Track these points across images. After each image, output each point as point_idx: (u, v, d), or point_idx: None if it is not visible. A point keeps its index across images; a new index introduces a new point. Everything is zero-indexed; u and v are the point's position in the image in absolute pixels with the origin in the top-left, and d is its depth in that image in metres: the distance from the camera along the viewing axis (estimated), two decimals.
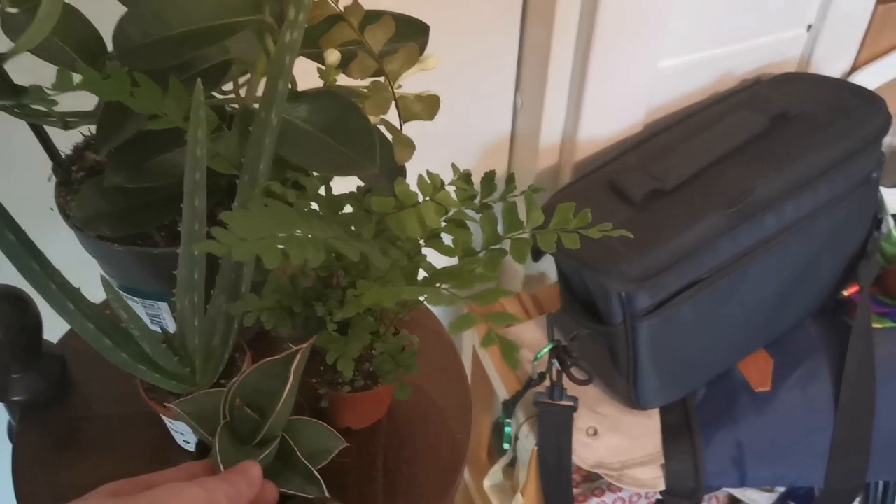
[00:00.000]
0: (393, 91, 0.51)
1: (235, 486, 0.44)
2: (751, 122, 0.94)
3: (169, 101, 0.49)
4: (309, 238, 0.44)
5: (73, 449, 0.62)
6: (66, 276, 0.51)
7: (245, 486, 0.45)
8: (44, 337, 0.64)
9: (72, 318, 0.49)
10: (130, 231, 0.54)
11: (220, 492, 0.43)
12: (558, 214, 0.52)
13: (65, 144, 0.61)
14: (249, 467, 0.46)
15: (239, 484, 0.44)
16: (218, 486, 0.43)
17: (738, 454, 0.96)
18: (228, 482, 0.44)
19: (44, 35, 0.50)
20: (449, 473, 0.61)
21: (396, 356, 0.57)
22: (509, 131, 1.06)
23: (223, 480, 0.44)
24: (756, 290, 0.93)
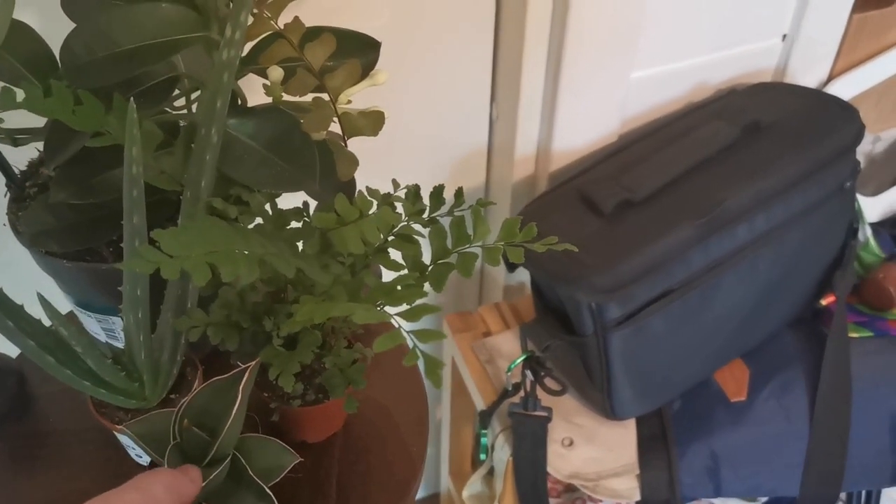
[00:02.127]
0: (335, 107, 0.51)
1: (174, 476, 0.45)
2: (722, 132, 0.94)
3: (111, 119, 0.49)
4: (243, 255, 0.44)
5: (29, 463, 0.62)
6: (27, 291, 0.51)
7: (185, 481, 0.45)
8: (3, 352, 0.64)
9: (11, 335, 0.49)
10: (78, 247, 0.54)
11: (157, 485, 0.43)
12: (504, 229, 0.52)
13: (21, 160, 0.61)
14: (190, 468, 0.47)
15: (178, 475, 0.45)
16: (153, 480, 0.43)
17: (712, 464, 0.96)
18: (166, 473, 0.45)
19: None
20: (403, 488, 0.60)
21: (346, 370, 0.57)
22: (486, 142, 1.07)
23: (159, 472, 0.44)
24: (729, 300, 0.92)
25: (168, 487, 0.44)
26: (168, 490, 0.43)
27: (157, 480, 0.43)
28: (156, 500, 0.43)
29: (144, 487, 0.43)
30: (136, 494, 0.42)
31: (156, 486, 0.43)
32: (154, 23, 0.51)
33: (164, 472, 0.45)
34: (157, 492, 0.43)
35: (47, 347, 0.51)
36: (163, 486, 0.43)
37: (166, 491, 0.43)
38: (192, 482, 0.46)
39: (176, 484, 0.44)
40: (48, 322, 0.51)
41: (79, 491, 0.60)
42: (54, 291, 0.56)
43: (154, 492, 0.43)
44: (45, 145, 0.52)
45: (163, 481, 0.44)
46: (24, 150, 0.59)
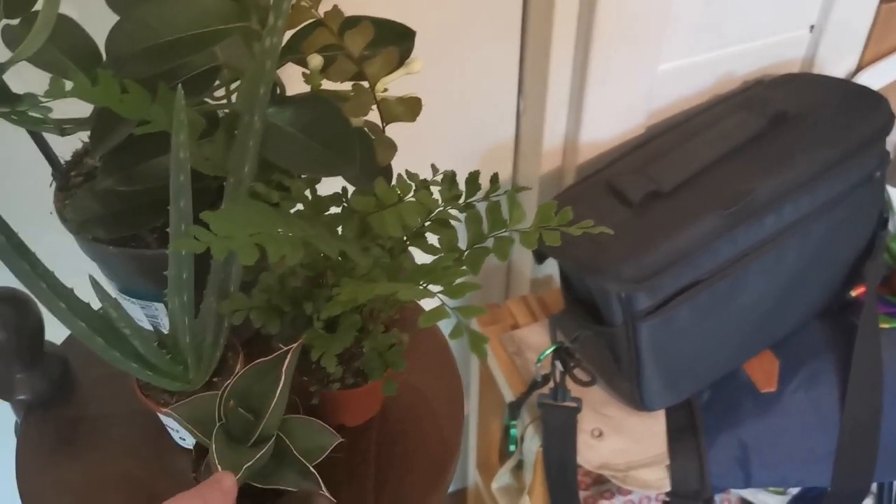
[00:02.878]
0: (374, 94, 0.52)
1: (203, 498, 0.43)
2: (749, 123, 0.94)
3: (156, 108, 0.50)
4: (287, 236, 0.45)
5: (73, 446, 0.63)
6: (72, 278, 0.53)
7: (217, 496, 0.44)
8: (49, 339, 0.65)
9: (63, 317, 0.50)
10: (124, 233, 0.56)
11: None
12: (539, 213, 0.53)
13: (67, 151, 0.63)
14: (223, 478, 0.46)
15: (207, 495, 0.44)
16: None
17: (742, 455, 0.96)
18: (195, 496, 0.43)
19: (40, 44, 0.52)
20: (439, 471, 0.61)
21: (384, 353, 0.58)
22: (513, 135, 1.07)
23: (188, 497, 0.43)
24: (756, 291, 0.92)
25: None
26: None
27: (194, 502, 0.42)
28: None
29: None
30: None
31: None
32: (195, 14, 0.52)
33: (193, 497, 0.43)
34: None
35: (97, 330, 0.52)
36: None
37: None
38: (223, 496, 0.45)
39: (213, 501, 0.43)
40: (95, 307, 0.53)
41: (122, 473, 0.62)
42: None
43: None
44: (91, 134, 0.53)
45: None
46: (68, 141, 0.61)
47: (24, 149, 0.62)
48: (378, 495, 0.60)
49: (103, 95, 0.49)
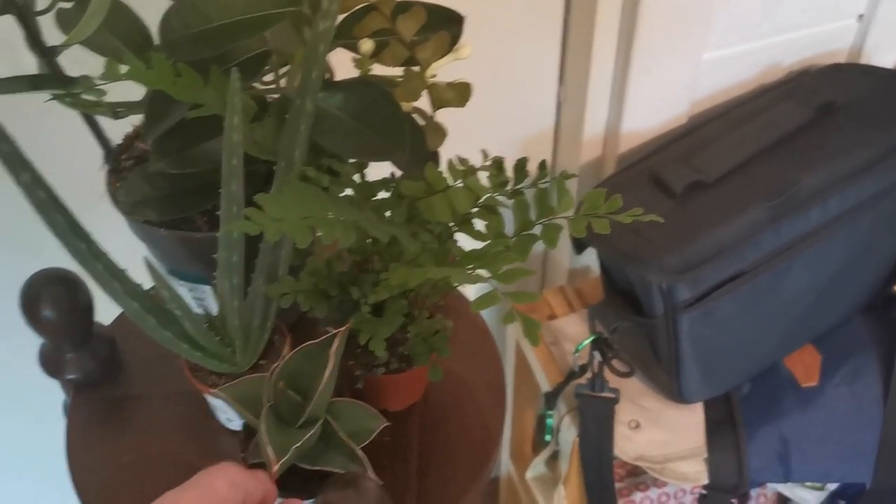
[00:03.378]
0: (425, 79, 0.52)
1: (237, 471, 0.43)
2: (795, 113, 0.93)
3: (209, 91, 0.51)
4: (339, 220, 0.45)
5: (121, 425, 0.64)
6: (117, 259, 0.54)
7: (250, 478, 0.44)
8: (97, 320, 0.66)
9: (117, 296, 0.51)
10: (175, 216, 0.57)
11: (219, 480, 0.42)
12: (589, 200, 0.53)
13: (117, 135, 0.64)
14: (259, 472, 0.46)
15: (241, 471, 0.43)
16: (216, 476, 0.42)
17: (783, 449, 0.95)
18: (230, 468, 0.43)
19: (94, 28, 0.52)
20: (481, 456, 0.61)
21: (429, 339, 0.58)
22: (553, 124, 1.07)
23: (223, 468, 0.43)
24: (799, 284, 0.91)
25: (231, 483, 0.42)
26: (232, 486, 0.42)
27: (219, 476, 0.42)
28: (218, 496, 0.41)
29: (206, 485, 0.41)
30: (197, 492, 0.41)
31: (217, 482, 0.41)
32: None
33: (227, 468, 0.43)
34: (218, 487, 0.41)
35: (149, 310, 0.53)
36: (225, 482, 0.42)
37: (229, 487, 0.42)
38: (258, 480, 0.44)
39: (240, 480, 0.43)
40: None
41: (169, 451, 0.63)
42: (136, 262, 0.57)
43: (216, 487, 0.41)
44: (144, 117, 0.54)
45: (225, 476, 0.42)
46: (119, 125, 0.62)
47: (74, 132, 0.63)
48: (421, 480, 0.60)
49: (158, 78, 0.50)
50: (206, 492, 0.41)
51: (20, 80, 0.54)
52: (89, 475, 0.61)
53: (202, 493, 0.41)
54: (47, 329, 0.62)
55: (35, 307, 0.60)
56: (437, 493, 0.59)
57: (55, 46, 0.55)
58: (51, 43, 0.55)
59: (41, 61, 0.55)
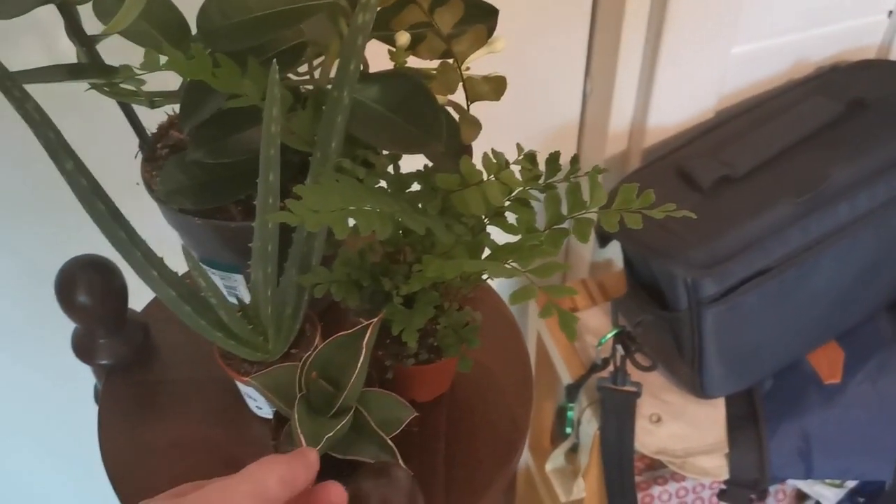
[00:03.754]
0: (461, 72, 0.52)
1: (289, 466, 0.43)
2: (825, 108, 0.92)
3: (247, 81, 0.51)
4: (377, 212, 0.45)
5: (152, 411, 0.65)
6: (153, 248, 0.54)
7: (301, 468, 0.43)
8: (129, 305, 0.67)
9: (155, 284, 0.52)
10: (210, 205, 0.57)
11: (272, 477, 0.41)
12: (621, 195, 0.53)
13: (150, 124, 0.64)
14: (308, 452, 0.45)
15: (293, 464, 0.43)
16: (268, 470, 0.42)
17: (804, 446, 0.95)
18: (281, 463, 0.43)
19: (132, 18, 0.53)
20: (508, 448, 0.62)
21: (459, 331, 0.58)
22: (578, 117, 1.07)
23: (274, 462, 0.43)
24: (826, 280, 0.91)
25: (282, 479, 0.41)
26: (282, 482, 0.41)
27: (271, 471, 0.41)
28: (270, 492, 0.41)
29: (258, 479, 0.41)
30: (249, 486, 0.40)
31: (270, 478, 0.41)
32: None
33: (278, 463, 0.42)
34: (271, 484, 0.41)
35: (185, 298, 0.53)
36: (277, 478, 0.41)
37: (280, 483, 0.41)
38: (306, 469, 0.44)
39: (290, 475, 0.42)
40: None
41: (200, 437, 0.64)
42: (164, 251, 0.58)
43: (268, 484, 0.41)
44: (181, 107, 0.54)
45: (277, 472, 0.41)
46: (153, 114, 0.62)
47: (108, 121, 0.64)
48: (449, 470, 0.61)
49: (197, 69, 0.50)
50: (259, 486, 0.41)
51: (59, 69, 0.54)
52: (121, 460, 0.62)
53: (255, 488, 0.40)
54: (81, 314, 0.63)
55: (70, 293, 0.61)
56: (464, 483, 0.60)
57: (94, 36, 0.55)
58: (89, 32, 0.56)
59: (80, 50, 0.55)
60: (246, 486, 0.41)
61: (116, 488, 0.61)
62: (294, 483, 0.43)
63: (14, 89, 0.42)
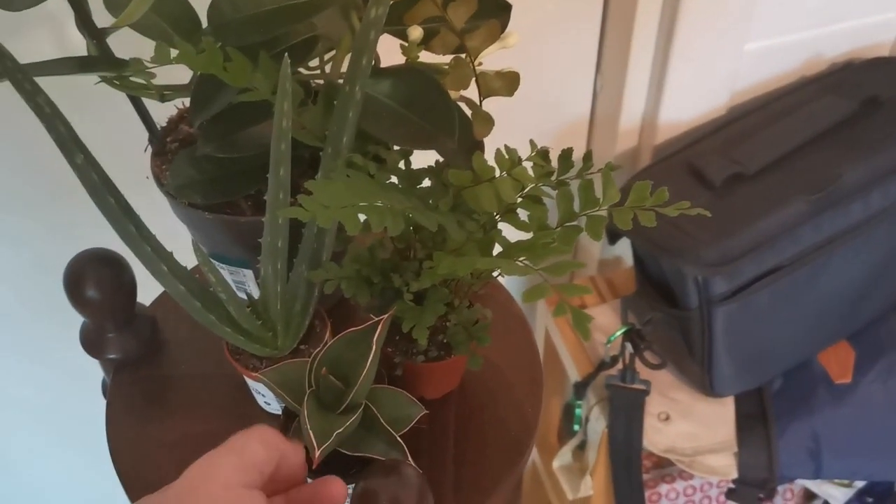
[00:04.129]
0: (473, 67, 0.52)
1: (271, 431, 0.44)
2: (839, 106, 0.91)
3: (258, 76, 0.51)
4: (388, 208, 0.45)
5: (160, 406, 0.65)
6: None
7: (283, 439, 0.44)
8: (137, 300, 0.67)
9: (164, 279, 0.52)
10: (220, 199, 0.57)
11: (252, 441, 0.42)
12: (635, 192, 0.52)
13: (160, 117, 0.64)
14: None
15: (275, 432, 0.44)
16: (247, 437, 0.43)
17: (814, 446, 0.95)
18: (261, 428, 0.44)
19: (143, 11, 0.52)
20: (518, 447, 0.61)
21: (470, 328, 0.58)
22: (588, 113, 1.06)
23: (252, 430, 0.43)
24: (838, 279, 0.90)
25: (265, 443, 0.43)
26: (265, 445, 0.43)
27: (253, 437, 0.43)
28: (254, 456, 0.42)
29: (240, 447, 0.42)
30: (232, 457, 0.41)
31: (252, 444, 0.42)
32: None
33: (260, 429, 0.44)
34: (253, 448, 0.42)
35: (195, 293, 0.53)
36: (259, 442, 0.42)
37: (264, 447, 0.42)
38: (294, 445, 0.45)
39: (274, 441, 0.44)
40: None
41: (209, 432, 0.63)
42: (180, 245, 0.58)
43: (250, 448, 0.42)
44: (191, 101, 0.54)
45: (260, 438, 0.43)
46: (163, 108, 0.62)
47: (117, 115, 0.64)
48: (457, 468, 0.60)
49: (208, 63, 0.50)
50: (242, 454, 0.41)
51: (69, 62, 0.54)
52: (129, 454, 0.62)
53: (240, 458, 0.41)
54: (90, 309, 0.62)
55: (79, 287, 0.61)
56: (474, 482, 0.59)
57: (105, 29, 0.55)
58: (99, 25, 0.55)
59: (91, 43, 0.55)
60: (229, 458, 0.41)
61: (124, 482, 0.60)
62: (277, 447, 0.43)
63: (25, 82, 0.42)
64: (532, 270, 0.43)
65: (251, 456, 0.42)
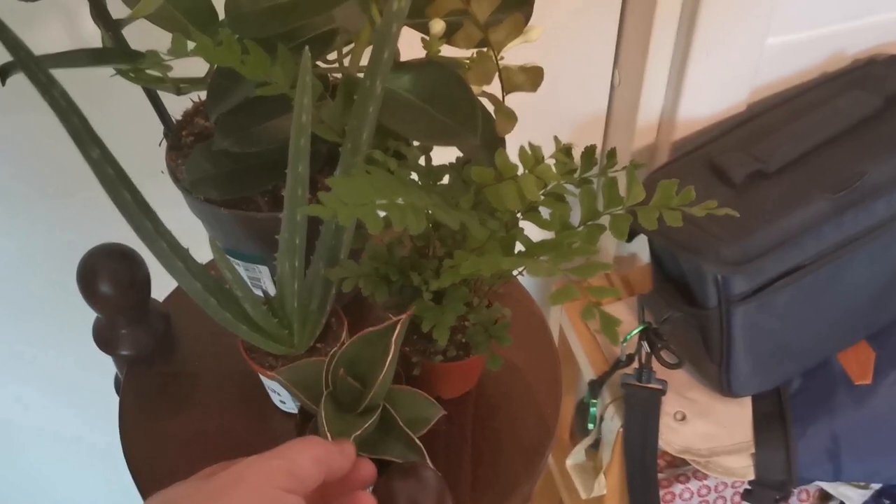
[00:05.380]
0: (497, 62, 0.51)
1: (324, 446, 0.43)
2: (863, 102, 0.90)
3: (276, 69, 0.49)
4: (410, 205, 0.44)
5: (174, 402, 0.64)
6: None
7: (337, 454, 0.43)
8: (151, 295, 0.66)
9: (180, 276, 0.51)
10: (236, 195, 0.56)
11: (305, 456, 0.41)
12: (660, 191, 0.51)
13: (175, 111, 0.63)
14: (345, 441, 0.45)
15: (329, 447, 0.43)
16: (301, 450, 0.41)
17: (833, 447, 0.93)
18: (315, 442, 0.42)
19: (159, 2, 0.51)
20: (536, 448, 0.61)
21: (489, 328, 0.57)
22: (605, 109, 1.05)
23: (308, 442, 0.42)
24: (860, 279, 0.89)
25: (317, 460, 0.41)
26: (316, 463, 0.41)
27: (306, 451, 0.41)
28: (302, 471, 0.40)
29: (292, 457, 0.41)
30: (282, 462, 0.40)
31: (303, 457, 0.41)
32: None
33: (315, 444, 0.42)
34: (303, 462, 0.41)
35: (210, 290, 0.52)
36: (311, 458, 0.41)
37: (314, 463, 0.41)
38: (342, 455, 0.44)
39: (326, 457, 0.42)
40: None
41: (222, 429, 0.63)
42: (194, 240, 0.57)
43: (301, 462, 0.41)
44: (208, 94, 0.53)
45: (312, 453, 0.41)
46: (178, 102, 0.61)
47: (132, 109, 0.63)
48: (475, 468, 0.59)
49: (225, 55, 0.49)
50: (291, 464, 0.40)
51: (84, 54, 0.53)
52: (141, 450, 0.61)
53: (288, 466, 0.40)
54: (104, 304, 0.62)
55: (92, 282, 0.60)
56: (492, 483, 0.59)
57: (120, 20, 0.54)
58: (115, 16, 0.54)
59: (106, 34, 0.54)
60: (278, 463, 0.40)
61: (136, 479, 0.60)
62: (328, 464, 0.42)
63: (40, 74, 0.41)
64: (558, 271, 0.42)
65: (300, 471, 0.40)
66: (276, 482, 0.39)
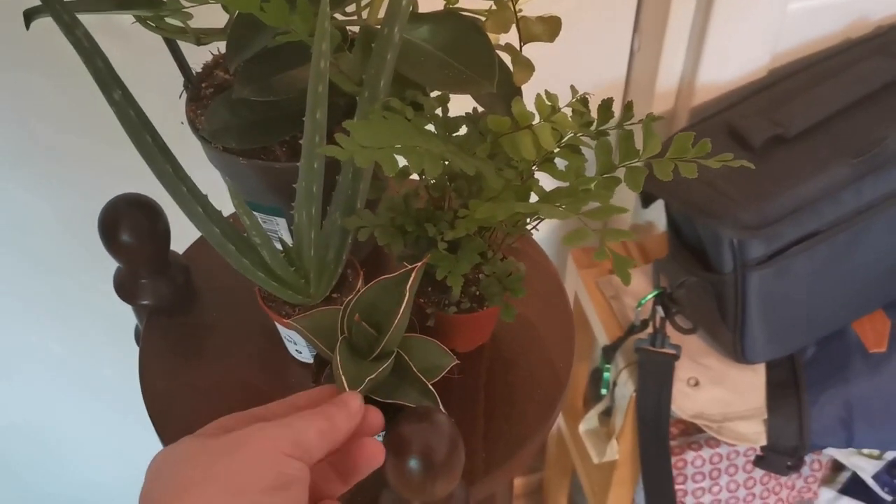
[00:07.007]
0: (515, 11, 0.51)
1: (330, 419, 0.43)
2: (884, 68, 0.89)
3: (295, 16, 0.50)
4: (427, 150, 0.44)
5: (193, 352, 0.65)
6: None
7: (343, 419, 0.44)
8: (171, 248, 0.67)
9: (200, 221, 0.51)
10: (255, 144, 0.56)
11: (311, 428, 0.42)
12: (676, 144, 0.51)
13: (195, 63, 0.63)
14: (350, 399, 0.45)
15: (335, 416, 0.43)
16: (309, 422, 0.42)
17: (846, 415, 0.94)
18: (322, 415, 0.43)
19: None
20: (549, 401, 0.61)
21: (503, 280, 0.57)
22: (624, 75, 1.04)
23: (316, 415, 0.43)
24: (877, 246, 0.89)
25: (322, 434, 0.42)
26: (322, 436, 0.42)
27: (313, 424, 0.42)
28: (308, 441, 0.41)
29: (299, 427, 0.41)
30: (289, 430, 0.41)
31: (310, 429, 0.42)
32: None
33: (322, 417, 0.43)
34: (310, 434, 0.41)
35: (229, 237, 0.53)
36: (317, 431, 0.42)
37: (320, 437, 0.42)
38: (348, 419, 0.44)
39: (332, 432, 0.43)
40: None
41: (240, 379, 0.64)
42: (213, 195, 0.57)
43: (308, 433, 0.41)
44: (227, 42, 0.53)
45: (319, 426, 0.42)
46: (198, 53, 0.61)
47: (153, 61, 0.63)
48: (488, 421, 0.60)
49: (245, 2, 0.49)
50: (298, 433, 0.41)
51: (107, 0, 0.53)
52: (161, 400, 0.62)
53: (294, 434, 0.41)
54: (125, 254, 0.63)
55: (114, 231, 0.61)
56: (504, 435, 0.59)
57: None
58: None
59: None
60: (285, 430, 0.41)
61: (157, 427, 0.61)
62: (334, 436, 0.43)
63: (64, 14, 0.42)
64: (572, 214, 0.42)
65: (306, 441, 0.41)
66: (280, 447, 0.40)
